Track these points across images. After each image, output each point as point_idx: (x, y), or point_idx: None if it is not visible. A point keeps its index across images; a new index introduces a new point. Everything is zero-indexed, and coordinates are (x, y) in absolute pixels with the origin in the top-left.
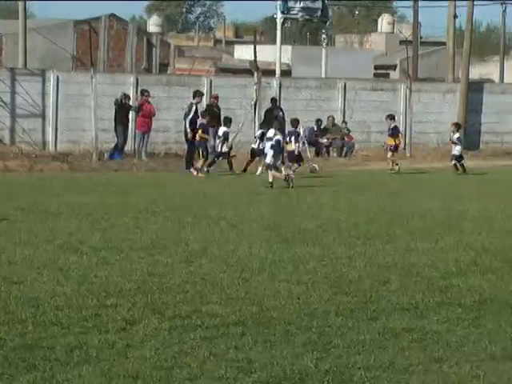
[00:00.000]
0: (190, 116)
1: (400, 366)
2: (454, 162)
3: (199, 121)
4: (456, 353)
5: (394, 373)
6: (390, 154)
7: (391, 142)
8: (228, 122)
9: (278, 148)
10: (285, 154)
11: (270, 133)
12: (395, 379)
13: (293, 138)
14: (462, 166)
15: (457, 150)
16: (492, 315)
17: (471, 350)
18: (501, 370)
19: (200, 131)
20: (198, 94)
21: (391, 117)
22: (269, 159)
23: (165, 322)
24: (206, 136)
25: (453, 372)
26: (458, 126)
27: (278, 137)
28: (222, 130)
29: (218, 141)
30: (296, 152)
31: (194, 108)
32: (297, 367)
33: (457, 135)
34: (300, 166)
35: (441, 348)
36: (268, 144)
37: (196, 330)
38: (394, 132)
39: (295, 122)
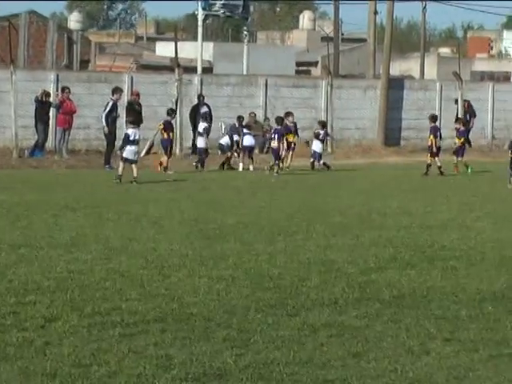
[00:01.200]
0: (106, 112)
1: (319, 361)
2: (321, 161)
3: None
4: (374, 348)
5: (312, 368)
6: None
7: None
8: (208, 117)
9: None
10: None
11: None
12: (314, 374)
13: (276, 136)
14: (325, 164)
15: (318, 147)
16: (410, 310)
17: (389, 345)
18: (418, 365)
19: (163, 129)
20: (117, 91)
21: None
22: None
23: (84, 319)
24: (170, 134)
25: (371, 367)
26: (322, 124)
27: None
28: (202, 125)
29: (198, 137)
30: (281, 149)
31: (110, 104)
32: (216, 363)
33: (322, 132)
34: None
35: (359, 343)
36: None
37: (115, 327)
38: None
39: (280, 120)
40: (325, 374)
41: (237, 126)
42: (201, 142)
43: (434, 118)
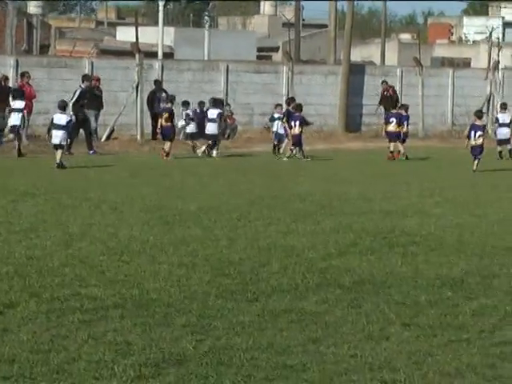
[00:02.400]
0: (74, 100)
1: (279, 346)
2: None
3: (162, 105)
4: (334, 333)
5: (272, 354)
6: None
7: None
8: (220, 103)
9: None
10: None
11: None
12: (274, 360)
13: (297, 123)
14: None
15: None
16: (370, 296)
17: (349, 331)
18: (378, 350)
19: (167, 116)
20: (86, 79)
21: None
22: None
23: (43, 306)
24: (172, 121)
25: (330, 352)
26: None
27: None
28: (216, 111)
29: (209, 123)
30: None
31: (78, 92)
32: (176, 349)
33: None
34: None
35: (319, 329)
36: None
37: (74, 313)
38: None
39: (299, 107)
40: (285, 360)
41: (198, 111)
42: (213, 128)
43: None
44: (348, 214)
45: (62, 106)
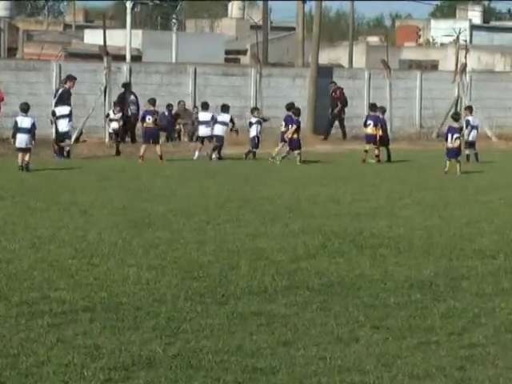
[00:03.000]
0: (56, 99)
1: (248, 349)
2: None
3: (145, 108)
4: (303, 336)
5: (242, 356)
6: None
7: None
8: (227, 108)
9: None
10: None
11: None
12: (243, 363)
13: (294, 126)
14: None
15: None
16: (339, 298)
17: (318, 333)
18: (347, 353)
19: (152, 119)
20: (70, 79)
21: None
22: None
23: (11, 309)
24: (158, 123)
25: (300, 355)
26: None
27: None
28: (227, 116)
29: (220, 125)
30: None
31: (60, 92)
32: (145, 352)
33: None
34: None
35: (288, 331)
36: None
37: (43, 317)
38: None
39: (298, 111)
40: (254, 363)
41: (166, 114)
42: (222, 131)
43: (375, 108)
44: (316, 217)
45: (25, 109)
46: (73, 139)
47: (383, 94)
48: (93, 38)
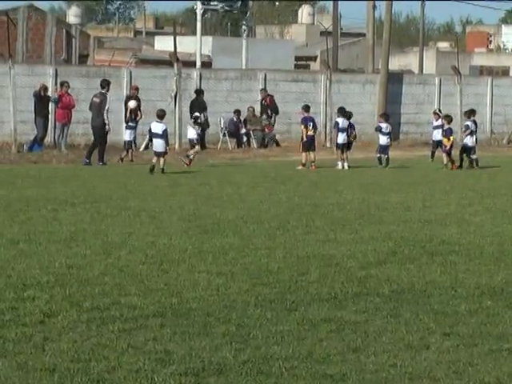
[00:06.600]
0: (107, 107)
1: (318, 356)
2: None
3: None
4: (374, 342)
5: (312, 363)
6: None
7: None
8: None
9: None
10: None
11: None
12: (313, 369)
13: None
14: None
15: (383, 140)
16: (409, 305)
17: (389, 340)
18: (418, 360)
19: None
20: (106, 83)
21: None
22: None
23: (83, 315)
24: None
25: (370, 361)
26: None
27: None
28: (346, 122)
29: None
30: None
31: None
32: (215, 358)
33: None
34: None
35: (359, 338)
36: None
37: (114, 322)
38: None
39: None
40: (324, 369)
41: (234, 120)
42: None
43: (449, 119)
44: (387, 223)
45: (161, 115)
46: (143, 146)
47: (453, 100)
48: (163, 44)
